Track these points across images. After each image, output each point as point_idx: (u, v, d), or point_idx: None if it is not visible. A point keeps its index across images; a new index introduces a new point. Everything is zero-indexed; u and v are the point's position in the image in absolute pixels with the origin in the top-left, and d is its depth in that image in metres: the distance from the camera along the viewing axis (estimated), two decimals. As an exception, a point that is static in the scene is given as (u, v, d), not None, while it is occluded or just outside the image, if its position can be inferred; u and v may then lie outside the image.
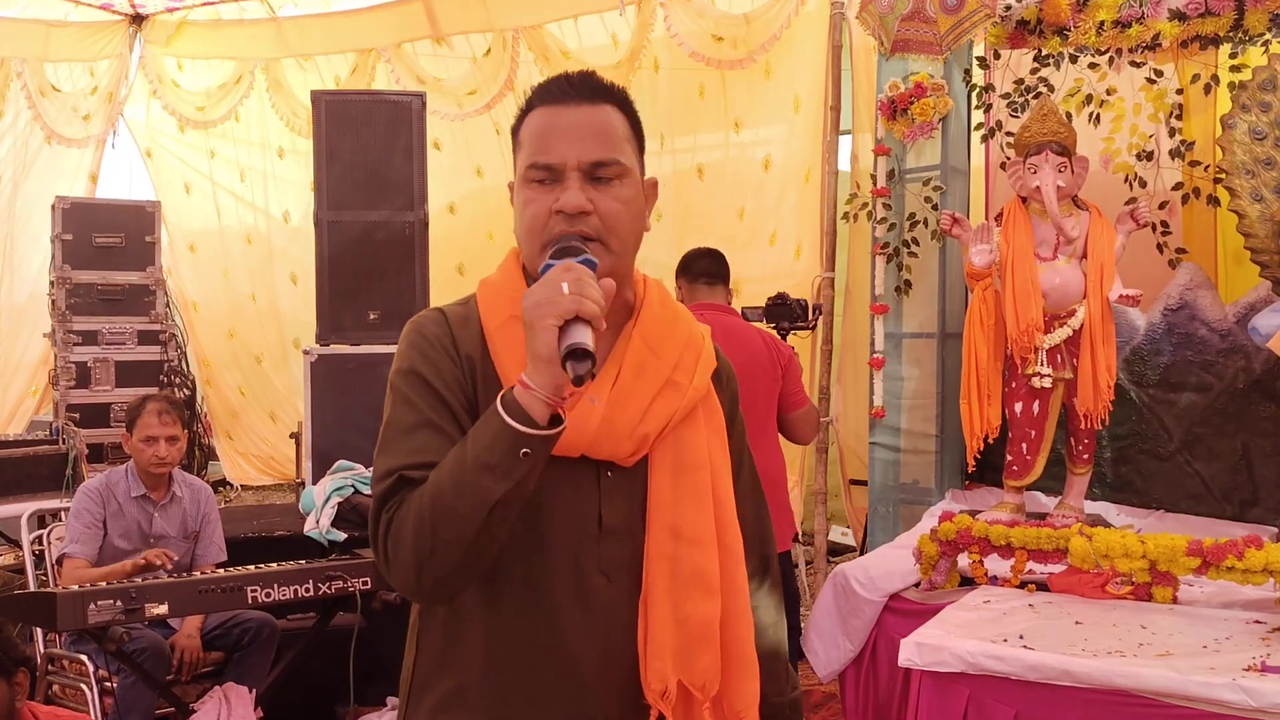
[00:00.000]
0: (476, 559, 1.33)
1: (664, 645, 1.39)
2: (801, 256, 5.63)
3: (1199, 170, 3.98)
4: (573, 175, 1.40)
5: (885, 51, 4.09)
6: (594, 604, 1.40)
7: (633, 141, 1.47)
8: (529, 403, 1.26)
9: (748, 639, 1.47)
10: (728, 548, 1.46)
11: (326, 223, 4.82)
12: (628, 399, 1.41)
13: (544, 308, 1.24)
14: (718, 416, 1.51)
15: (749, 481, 1.61)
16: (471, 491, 1.28)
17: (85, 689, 3.45)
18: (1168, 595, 2.98)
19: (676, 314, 1.52)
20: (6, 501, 4.87)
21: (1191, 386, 3.89)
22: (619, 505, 1.42)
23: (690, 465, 1.44)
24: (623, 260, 1.44)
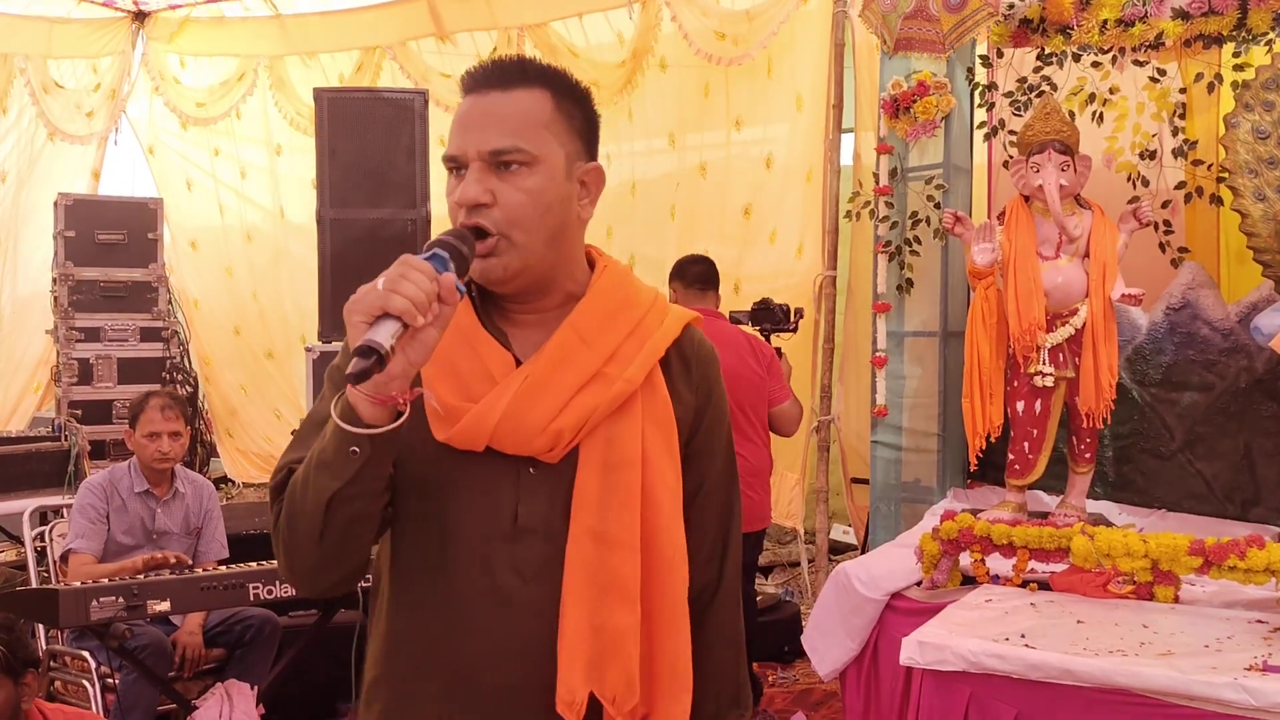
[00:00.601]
0: (337, 556, 1.33)
1: (577, 653, 1.33)
2: (803, 255, 5.63)
3: (1202, 169, 3.97)
4: (473, 166, 1.35)
5: (888, 50, 4.09)
6: (506, 605, 1.35)
7: (560, 126, 1.39)
8: (356, 401, 1.24)
9: (678, 653, 1.39)
10: (658, 553, 1.37)
11: (329, 220, 4.82)
12: (541, 392, 1.35)
13: (354, 304, 1.21)
14: (663, 411, 1.41)
15: (718, 486, 1.50)
16: (313, 489, 1.29)
17: (87, 685, 3.46)
18: (1170, 595, 2.98)
19: (628, 301, 1.44)
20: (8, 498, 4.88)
21: (1194, 386, 3.89)
22: (539, 503, 1.36)
23: (620, 463, 1.36)
24: (533, 252, 1.36)
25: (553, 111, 1.39)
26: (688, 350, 1.47)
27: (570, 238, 1.42)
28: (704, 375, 1.48)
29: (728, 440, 1.52)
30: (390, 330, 1.19)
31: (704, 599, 1.48)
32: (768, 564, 6.32)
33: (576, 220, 1.42)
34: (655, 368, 1.41)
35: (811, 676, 4.40)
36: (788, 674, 4.71)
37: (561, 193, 1.39)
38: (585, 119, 1.44)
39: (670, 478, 1.40)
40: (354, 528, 1.32)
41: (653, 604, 1.37)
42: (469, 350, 1.38)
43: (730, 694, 1.50)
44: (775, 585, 5.94)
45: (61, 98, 7.34)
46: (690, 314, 1.50)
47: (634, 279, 1.49)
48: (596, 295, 1.42)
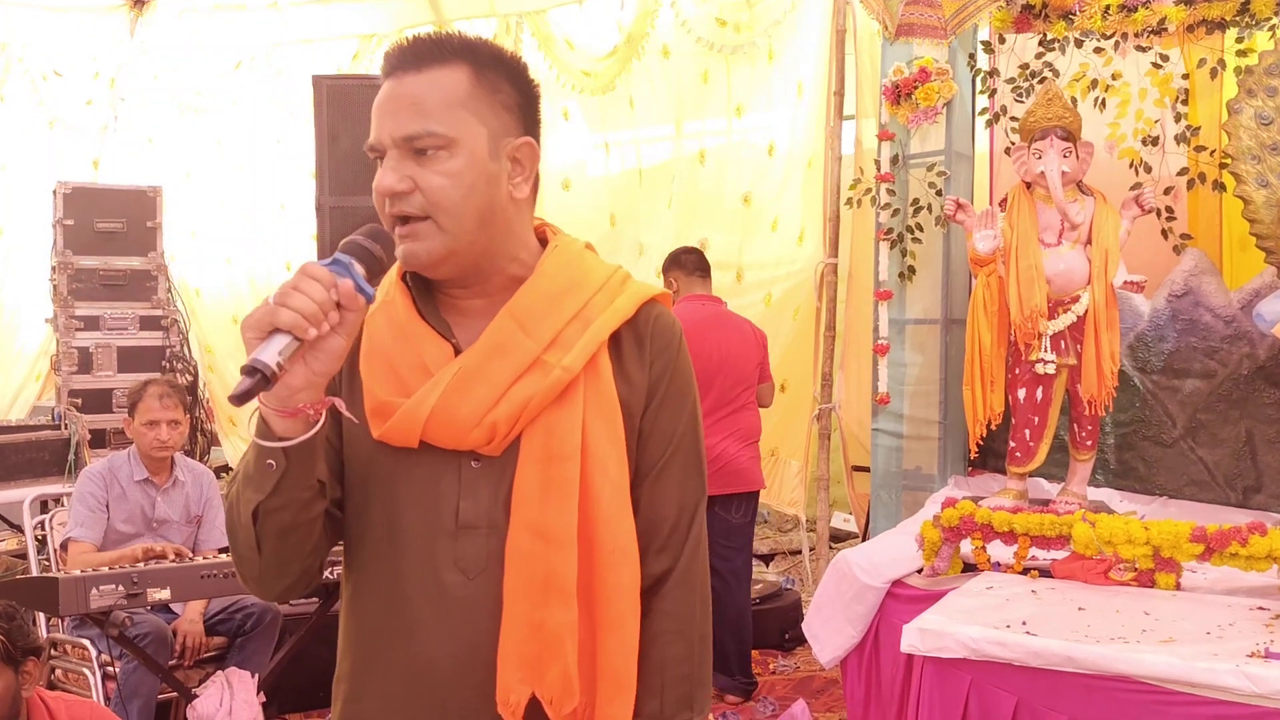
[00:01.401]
0: (278, 564, 1.32)
1: (514, 652, 1.29)
2: (804, 242, 5.61)
3: (1204, 155, 3.96)
4: (391, 153, 1.31)
5: (889, 36, 4.07)
6: (450, 602, 1.32)
7: (481, 103, 1.32)
8: (267, 415, 1.22)
9: (619, 653, 1.32)
10: (599, 548, 1.32)
11: (328, 208, 4.80)
12: (474, 383, 1.30)
13: (246, 321, 1.19)
14: (607, 399, 1.34)
15: (674, 469, 1.41)
16: (241, 502, 1.28)
17: (88, 674, 3.46)
18: (1171, 582, 2.98)
19: (574, 284, 1.37)
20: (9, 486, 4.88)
21: (1196, 373, 3.88)
22: (481, 498, 1.32)
23: (559, 455, 1.30)
24: (460, 237, 1.31)
25: (471, 88, 1.31)
26: (642, 328, 1.39)
27: (503, 218, 1.34)
28: (659, 352, 1.40)
29: (687, 421, 1.42)
30: (279, 346, 1.16)
31: (655, 587, 1.39)
32: (769, 552, 6.32)
33: (508, 200, 1.35)
34: (601, 352, 1.35)
35: (812, 664, 4.40)
36: (789, 661, 4.71)
37: (485, 172, 1.32)
38: (517, 92, 1.36)
39: (613, 469, 1.33)
40: (289, 537, 1.29)
41: (594, 601, 1.32)
42: (405, 344, 1.34)
43: (680, 693, 1.39)
44: (776, 573, 5.95)
45: (60, 86, 7.32)
46: (650, 290, 1.42)
47: (588, 257, 1.42)
48: (539, 278, 1.36)
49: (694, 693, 1.40)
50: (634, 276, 1.45)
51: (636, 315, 1.39)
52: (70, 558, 3.69)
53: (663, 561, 1.39)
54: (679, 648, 1.39)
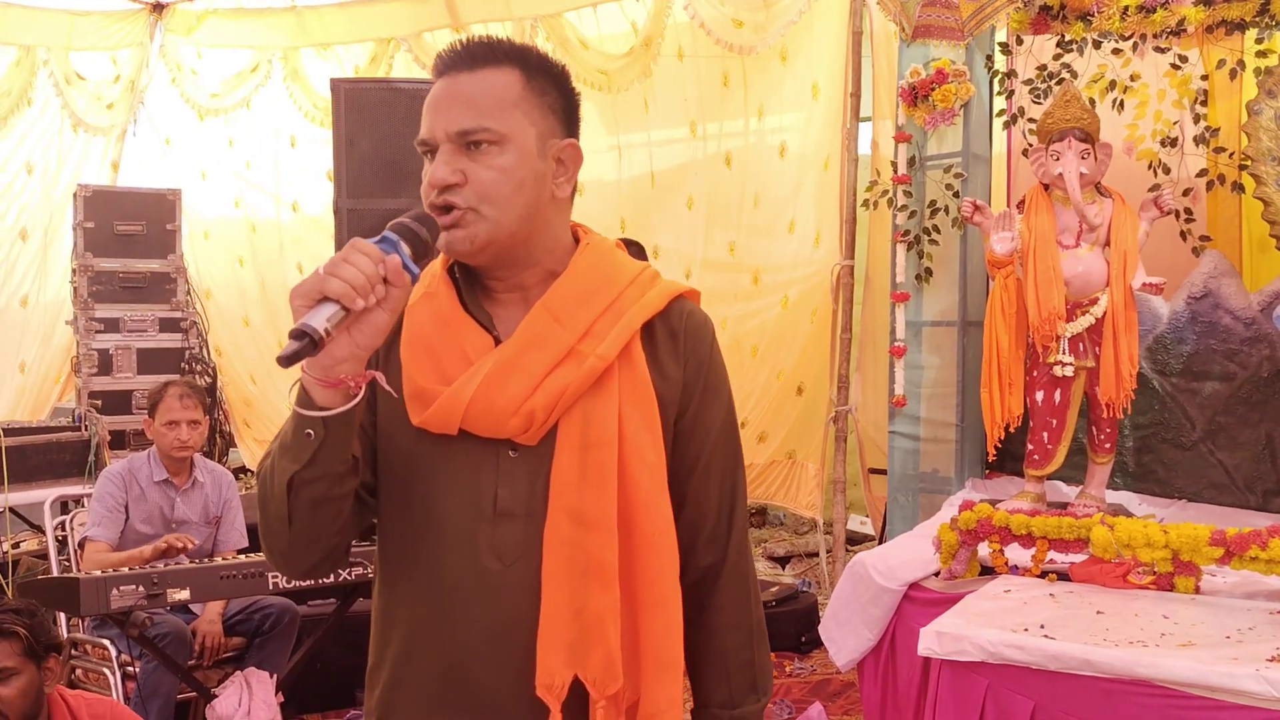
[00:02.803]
0: (308, 539, 1.34)
1: (557, 636, 1.31)
2: (821, 244, 5.61)
3: (1224, 157, 3.94)
4: (443, 148, 1.36)
5: (906, 37, 4.07)
6: (489, 589, 1.34)
7: (531, 104, 1.38)
8: (309, 385, 1.25)
9: (664, 635, 1.36)
10: (638, 532, 1.35)
11: (346, 211, 4.83)
12: (512, 373, 1.34)
13: (295, 289, 1.22)
14: (641, 387, 1.38)
15: (716, 462, 1.46)
16: (276, 473, 1.31)
17: (108, 673, 3.48)
18: (1190, 585, 2.96)
19: (606, 278, 1.41)
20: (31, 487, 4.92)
21: (1215, 375, 3.86)
22: (519, 485, 1.35)
23: (596, 442, 1.34)
24: (503, 227, 1.35)
25: (522, 89, 1.37)
26: (675, 323, 1.44)
27: (544, 215, 1.40)
28: (693, 348, 1.44)
29: (725, 415, 1.47)
30: (327, 313, 1.19)
31: (707, 580, 1.46)
32: (785, 554, 6.32)
33: (550, 198, 1.40)
34: (634, 343, 1.39)
35: (829, 667, 4.39)
36: (805, 664, 4.71)
37: (534, 170, 1.37)
38: (561, 96, 1.42)
39: (650, 455, 1.37)
40: (320, 510, 1.32)
41: (635, 585, 1.35)
42: (447, 333, 1.38)
43: (745, 679, 1.47)
44: (793, 575, 5.94)
45: (84, 89, 7.37)
46: (681, 287, 1.47)
47: (618, 255, 1.47)
48: (573, 273, 1.41)
49: (756, 677, 1.48)
50: None
51: (669, 310, 1.43)
52: (85, 557, 3.72)
53: (710, 554, 1.45)
54: (739, 637, 1.47)
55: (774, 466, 5.84)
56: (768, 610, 4.83)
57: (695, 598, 1.43)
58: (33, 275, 7.26)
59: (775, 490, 5.87)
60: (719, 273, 6.03)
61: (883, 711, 3.33)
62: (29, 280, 7.25)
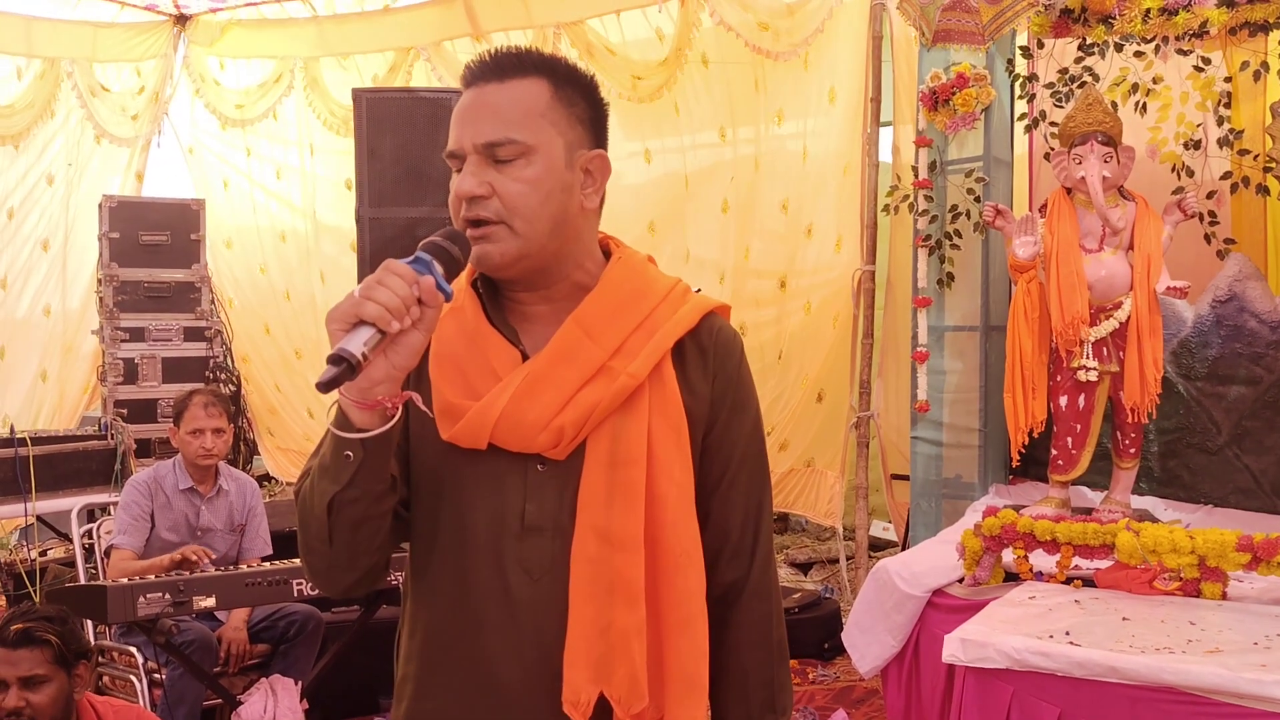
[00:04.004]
0: (349, 557, 1.34)
1: (582, 653, 1.31)
2: (842, 249, 5.60)
3: (1248, 159, 3.91)
4: (471, 159, 1.35)
5: (926, 42, 4.06)
6: (516, 603, 1.34)
7: (559, 115, 1.37)
8: (346, 407, 1.25)
9: (690, 654, 1.35)
10: (666, 552, 1.34)
11: (367, 220, 4.85)
12: (542, 388, 1.33)
13: (332, 313, 1.22)
14: (672, 406, 1.37)
15: (742, 479, 1.45)
16: (316, 494, 1.31)
17: (135, 680, 3.51)
18: (1217, 591, 2.94)
19: (639, 293, 1.40)
20: (58, 496, 4.96)
21: (1240, 379, 3.83)
22: (547, 500, 1.35)
23: (625, 460, 1.33)
24: (533, 240, 1.35)
25: (550, 100, 1.37)
26: (705, 340, 1.43)
27: (573, 227, 1.39)
28: (721, 365, 1.43)
29: (752, 432, 1.46)
30: (364, 337, 1.19)
31: (730, 597, 1.44)
32: (807, 560, 6.30)
33: (579, 209, 1.39)
34: (665, 360, 1.38)
35: (852, 674, 4.38)
36: (828, 671, 4.69)
37: (562, 181, 1.36)
38: (590, 106, 1.41)
39: (679, 474, 1.36)
40: (360, 530, 1.32)
41: (662, 604, 1.35)
42: (474, 348, 1.38)
43: (763, 698, 1.45)
44: (815, 582, 5.92)
45: (108, 100, 7.45)
46: (712, 302, 1.45)
47: (650, 270, 1.45)
48: (605, 287, 1.39)
49: (775, 696, 1.46)
50: None
51: (699, 326, 1.42)
52: (110, 565, 3.75)
53: (734, 570, 1.44)
54: (759, 655, 1.45)
55: (793, 475, 5.82)
56: (790, 617, 4.85)
57: (717, 614, 1.42)
58: (53, 285, 7.34)
59: (795, 499, 5.85)
60: (743, 279, 6.03)
61: (907, 718, 3.32)
62: (49, 290, 7.33)
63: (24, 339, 7.21)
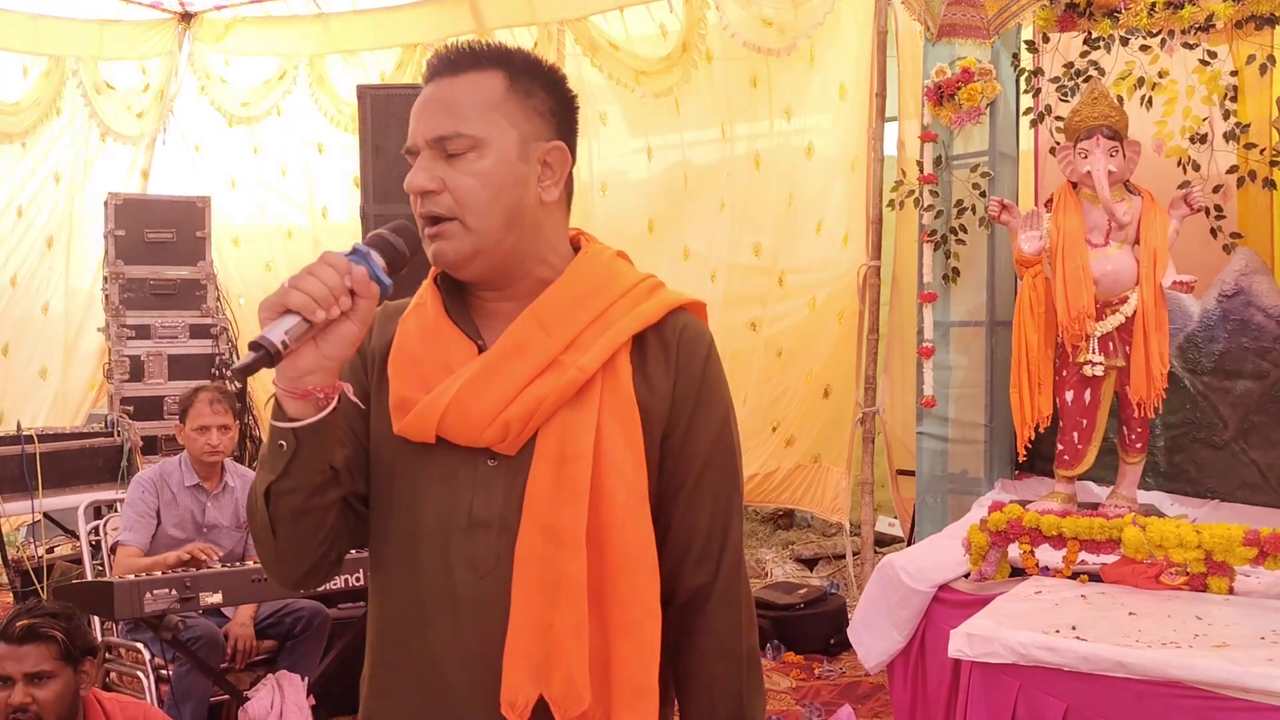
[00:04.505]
0: (292, 550, 1.34)
1: (522, 653, 1.28)
2: (849, 245, 5.59)
3: (1254, 153, 3.90)
4: (423, 154, 1.34)
5: (931, 36, 4.05)
6: (462, 600, 1.32)
7: (513, 107, 1.34)
8: (281, 397, 1.26)
9: (636, 659, 1.30)
10: (612, 551, 1.30)
11: (372, 216, 4.86)
12: (491, 381, 1.31)
13: (263, 303, 1.23)
14: (624, 402, 1.32)
15: (708, 481, 1.39)
16: (257, 483, 1.32)
17: (141, 676, 3.52)
18: (1224, 586, 2.93)
19: (599, 287, 1.36)
20: (64, 493, 4.97)
21: (1247, 374, 3.82)
22: (495, 496, 1.32)
23: (572, 456, 1.29)
24: (488, 236, 1.33)
25: (505, 92, 1.34)
26: (669, 336, 1.38)
27: (531, 221, 1.36)
28: (685, 363, 1.37)
29: (719, 433, 1.39)
30: (286, 326, 1.20)
31: (696, 603, 1.38)
32: (813, 556, 6.30)
33: (537, 203, 1.36)
34: (620, 356, 1.34)
35: (858, 669, 4.38)
36: (834, 667, 4.69)
37: (514, 174, 1.34)
38: (551, 98, 1.38)
39: (628, 472, 1.31)
40: (301, 521, 1.31)
41: (608, 606, 1.30)
42: (431, 343, 1.37)
43: (731, 710, 1.39)
44: (821, 577, 5.92)
45: (113, 98, 7.46)
46: (680, 299, 1.40)
47: (617, 264, 1.41)
48: (565, 281, 1.36)
49: (744, 708, 1.40)
50: (669, 283, 1.44)
51: (664, 323, 1.38)
52: (116, 561, 3.76)
53: (700, 575, 1.38)
54: (726, 665, 1.39)
55: (799, 471, 5.82)
56: (796, 613, 4.85)
57: (682, 621, 1.38)
58: (55, 283, 7.36)
59: (801, 495, 5.85)
60: (747, 275, 6.02)
61: (913, 713, 3.31)
62: (52, 288, 7.35)
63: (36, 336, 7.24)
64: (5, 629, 2.50)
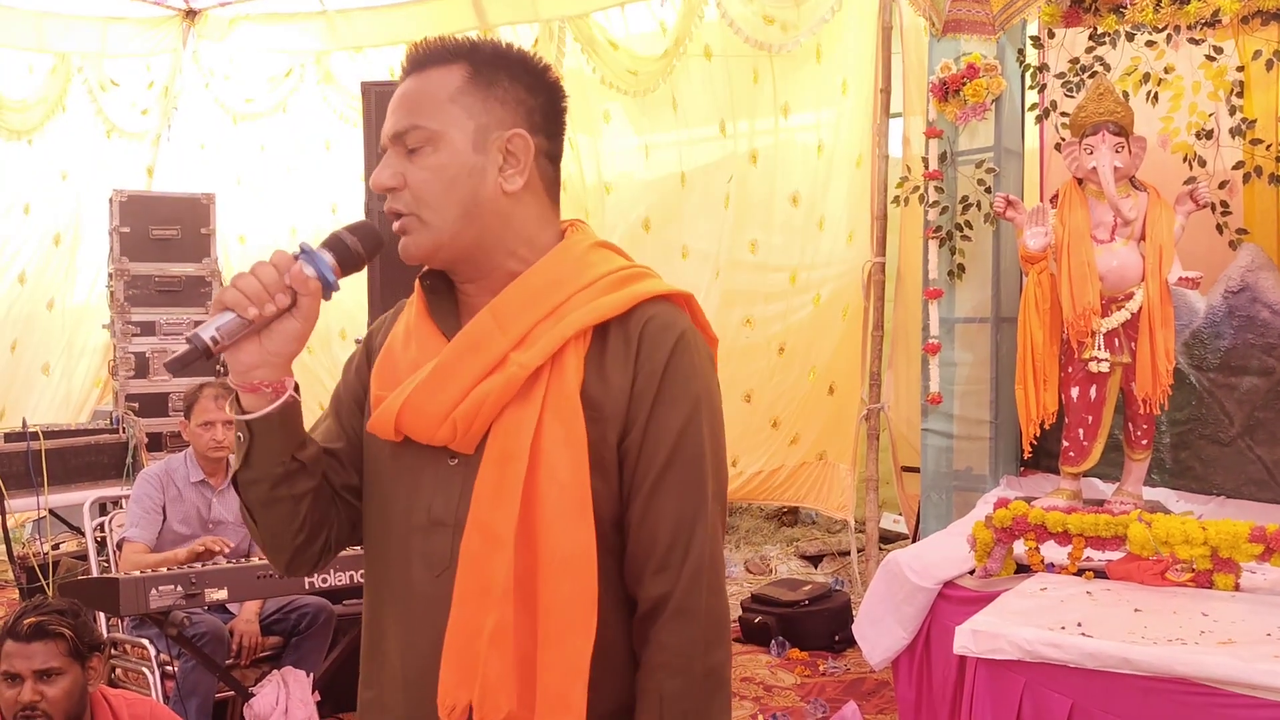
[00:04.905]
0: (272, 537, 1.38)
1: (454, 655, 1.25)
2: (854, 241, 5.59)
3: (1260, 149, 3.89)
4: (389, 151, 1.34)
5: (936, 32, 4.04)
6: (415, 599, 1.32)
7: (473, 98, 1.32)
8: (237, 390, 1.31)
9: (560, 669, 1.23)
10: (542, 554, 1.25)
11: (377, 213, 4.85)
12: (447, 379, 1.29)
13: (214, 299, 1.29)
14: (566, 400, 1.27)
15: (668, 486, 1.30)
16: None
17: (147, 672, 3.52)
18: (1230, 582, 2.93)
19: (559, 280, 1.32)
20: (70, 489, 4.97)
21: (1253, 370, 3.81)
22: (451, 494, 1.31)
23: (511, 454, 1.26)
24: (444, 229, 1.32)
25: (463, 84, 1.33)
26: (633, 329, 1.31)
27: (493, 212, 1.33)
28: (647, 358, 1.30)
29: (684, 431, 1.30)
30: (219, 322, 1.25)
31: (654, 614, 1.30)
32: (818, 553, 6.30)
33: (498, 193, 1.33)
34: (569, 351, 1.28)
35: (863, 666, 4.37)
36: (839, 663, 4.69)
37: (468, 165, 1.32)
38: (522, 88, 1.35)
39: (563, 473, 1.25)
40: (272, 510, 1.35)
41: (537, 611, 1.25)
42: (408, 340, 1.38)
43: None
44: (825, 574, 5.92)
45: (118, 96, 7.46)
46: (654, 290, 1.33)
47: (593, 255, 1.36)
48: (528, 274, 1.33)
49: None
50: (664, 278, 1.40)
51: (630, 315, 1.32)
52: (123, 557, 3.77)
53: (660, 585, 1.29)
54: (677, 683, 1.28)
55: (805, 468, 5.82)
56: (801, 609, 4.85)
57: (640, 633, 1.31)
58: (61, 279, 7.37)
59: (806, 492, 5.85)
60: (748, 272, 6.02)
61: (918, 710, 3.31)
62: (59, 285, 7.36)
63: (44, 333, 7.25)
64: (13, 627, 2.50)
